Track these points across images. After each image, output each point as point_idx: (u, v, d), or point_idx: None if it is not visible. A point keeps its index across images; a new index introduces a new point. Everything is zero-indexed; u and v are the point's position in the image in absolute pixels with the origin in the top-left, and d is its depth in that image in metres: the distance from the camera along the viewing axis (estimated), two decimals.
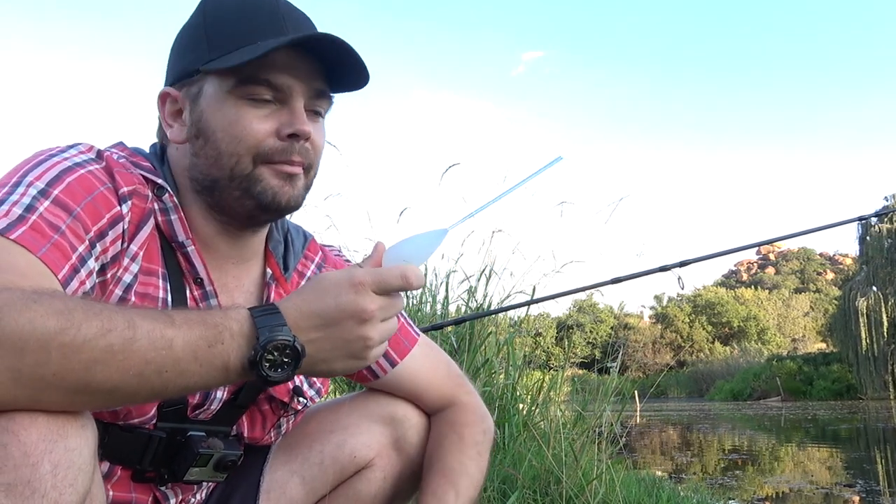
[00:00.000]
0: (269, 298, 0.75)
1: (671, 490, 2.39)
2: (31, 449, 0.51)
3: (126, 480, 0.71)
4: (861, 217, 1.65)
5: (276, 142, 0.67)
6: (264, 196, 0.68)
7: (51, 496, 0.51)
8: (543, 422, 2.24)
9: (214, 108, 0.67)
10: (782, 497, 3.47)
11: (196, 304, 0.70)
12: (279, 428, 0.80)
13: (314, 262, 0.82)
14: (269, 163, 0.68)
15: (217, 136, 0.67)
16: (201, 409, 0.72)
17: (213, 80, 0.67)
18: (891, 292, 21.18)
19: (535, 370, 2.62)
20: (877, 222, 21.12)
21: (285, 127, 0.67)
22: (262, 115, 0.67)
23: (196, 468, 0.71)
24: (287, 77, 0.66)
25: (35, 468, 0.51)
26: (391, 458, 0.84)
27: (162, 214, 0.68)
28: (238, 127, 0.66)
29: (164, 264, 0.69)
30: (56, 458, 0.52)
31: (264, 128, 0.67)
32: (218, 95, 0.67)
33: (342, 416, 0.85)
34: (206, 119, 0.67)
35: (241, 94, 0.66)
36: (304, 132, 0.67)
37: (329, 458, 0.82)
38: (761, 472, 4.41)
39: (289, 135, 0.67)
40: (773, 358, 28.38)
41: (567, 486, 1.78)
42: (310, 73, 0.68)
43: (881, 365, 20.78)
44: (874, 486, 3.69)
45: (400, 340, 0.84)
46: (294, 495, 0.82)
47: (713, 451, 5.82)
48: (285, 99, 0.67)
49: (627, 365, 3.53)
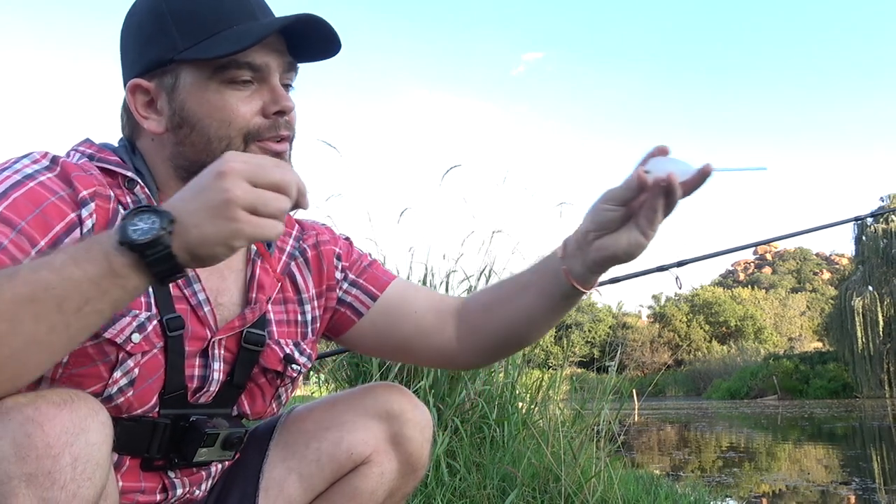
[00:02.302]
0: (254, 274, 0.76)
1: (669, 488, 2.40)
2: (53, 440, 0.52)
3: (135, 470, 0.71)
4: (857, 217, 1.66)
5: (263, 120, 0.69)
6: None
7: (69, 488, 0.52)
8: (542, 420, 2.25)
9: (196, 95, 0.67)
10: (779, 494, 3.49)
11: (180, 290, 0.71)
12: (279, 398, 0.81)
13: (291, 236, 0.83)
14: (258, 140, 0.69)
15: (204, 122, 0.68)
16: (201, 392, 0.73)
17: (190, 68, 0.67)
18: (886, 292, 21.26)
19: (534, 369, 2.62)
20: (873, 222, 21.19)
21: (270, 105, 0.69)
22: (246, 96, 0.68)
23: (204, 448, 0.72)
24: (265, 56, 0.68)
25: (56, 460, 0.52)
26: (388, 453, 0.84)
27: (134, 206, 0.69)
28: (225, 112, 0.67)
29: None
30: (77, 452, 0.53)
31: (250, 108, 0.68)
32: (198, 83, 0.67)
33: (339, 412, 0.85)
34: (190, 107, 0.68)
35: (223, 79, 0.67)
36: (288, 108, 0.70)
37: (326, 456, 0.82)
38: (758, 469, 4.43)
39: (277, 111, 0.69)
40: (769, 357, 28.46)
41: (566, 484, 1.79)
42: (282, 49, 0.70)
43: (877, 364, 20.86)
44: (870, 484, 3.71)
45: (377, 277, 0.86)
46: (292, 492, 0.82)
47: (710, 450, 5.84)
48: (264, 78, 0.69)
49: (625, 364, 3.55)
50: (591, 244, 0.74)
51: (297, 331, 0.81)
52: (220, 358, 0.73)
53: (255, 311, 0.75)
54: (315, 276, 0.84)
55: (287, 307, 0.80)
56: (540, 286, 0.79)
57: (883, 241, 21.56)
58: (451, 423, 2.01)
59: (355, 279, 0.86)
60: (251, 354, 0.75)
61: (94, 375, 0.65)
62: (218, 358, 0.73)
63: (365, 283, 0.86)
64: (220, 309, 0.74)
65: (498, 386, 2.24)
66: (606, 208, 0.72)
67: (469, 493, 1.79)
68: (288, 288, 0.81)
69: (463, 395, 2.11)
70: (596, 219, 0.73)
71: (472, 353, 0.86)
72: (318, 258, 0.84)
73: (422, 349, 0.87)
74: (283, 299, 0.80)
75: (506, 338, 0.84)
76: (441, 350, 0.86)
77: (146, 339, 0.67)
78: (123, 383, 0.66)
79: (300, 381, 0.84)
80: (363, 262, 0.88)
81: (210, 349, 0.73)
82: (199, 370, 0.72)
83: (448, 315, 0.87)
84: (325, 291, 0.84)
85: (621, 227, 0.73)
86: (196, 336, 0.72)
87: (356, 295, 0.85)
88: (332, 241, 0.86)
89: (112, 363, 0.65)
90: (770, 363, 25.99)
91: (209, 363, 0.73)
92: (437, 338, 0.86)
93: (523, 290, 0.81)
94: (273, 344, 0.77)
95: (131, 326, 0.66)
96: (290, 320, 0.80)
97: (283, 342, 0.78)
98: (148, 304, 0.68)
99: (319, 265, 0.84)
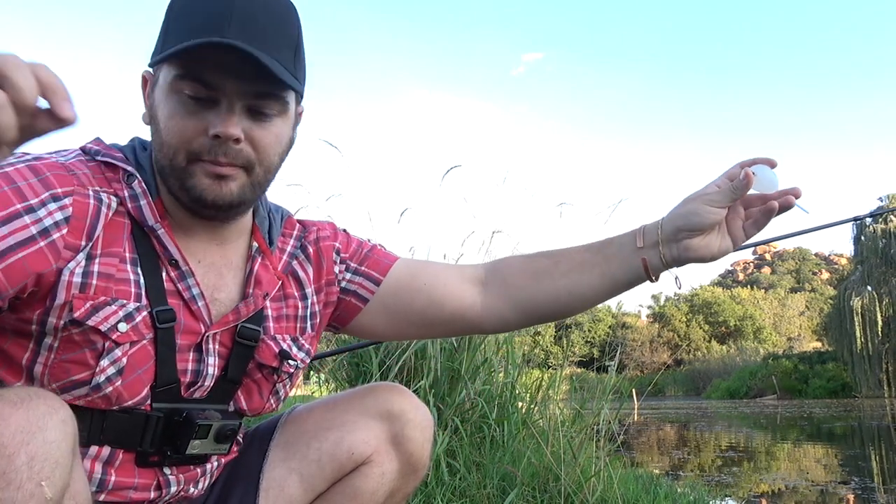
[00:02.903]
0: (253, 271, 0.76)
1: (668, 487, 2.41)
2: (7, 440, 0.51)
3: (129, 465, 0.71)
4: (856, 217, 1.66)
5: (206, 140, 0.67)
6: (193, 192, 0.68)
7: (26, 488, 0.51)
8: (542, 420, 2.25)
9: (161, 98, 0.68)
10: (778, 494, 3.49)
11: (174, 284, 0.71)
12: (277, 394, 0.81)
13: (293, 237, 0.83)
14: (199, 161, 0.67)
15: (160, 125, 0.68)
16: (195, 386, 0.73)
17: (164, 69, 0.67)
18: (885, 292, 21.28)
19: (533, 369, 2.63)
20: (871, 222, 21.20)
21: (211, 127, 0.66)
22: (194, 112, 0.66)
23: (197, 440, 0.72)
24: (218, 76, 0.65)
25: (11, 459, 0.51)
26: (389, 453, 0.84)
27: (132, 201, 0.69)
28: (173, 121, 0.67)
29: (135, 249, 0.69)
30: (33, 450, 0.52)
31: (194, 125, 0.66)
32: (164, 87, 0.67)
33: (340, 413, 0.85)
34: (156, 107, 0.69)
35: (179, 88, 0.66)
36: (227, 135, 0.66)
37: (327, 456, 0.82)
38: (757, 469, 4.43)
39: (214, 135, 0.66)
40: (769, 357, 28.48)
41: (565, 484, 1.79)
42: (249, 74, 0.65)
43: (876, 363, 20.88)
44: (869, 483, 3.72)
45: (378, 261, 0.86)
46: (293, 493, 0.82)
47: (710, 449, 5.85)
48: (218, 98, 0.66)
49: (625, 363, 3.55)
50: (679, 242, 0.76)
51: (295, 326, 0.81)
52: (214, 353, 0.73)
53: (250, 306, 0.75)
54: (315, 271, 0.84)
55: (287, 302, 0.80)
56: (604, 269, 0.80)
57: (882, 241, 21.58)
58: (451, 423, 2.02)
59: (357, 267, 0.86)
60: (246, 349, 0.75)
61: (81, 363, 0.66)
62: (212, 353, 0.73)
63: (367, 270, 0.85)
64: (217, 304, 0.74)
65: (498, 386, 2.24)
66: (711, 211, 0.74)
67: (469, 493, 1.80)
68: (290, 285, 0.81)
69: (463, 394, 2.11)
70: (694, 221, 0.75)
71: (501, 316, 0.86)
72: (318, 254, 0.84)
73: (441, 320, 0.86)
74: (283, 296, 0.80)
75: (547, 307, 0.84)
76: (463, 316, 0.86)
77: (134, 330, 0.67)
78: (111, 372, 0.66)
79: (300, 376, 0.84)
80: (363, 249, 0.88)
81: (205, 343, 0.73)
82: (193, 364, 0.72)
83: (468, 282, 0.87)
84: (324, 286, 0.84)
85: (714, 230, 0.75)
86: (189, 330, 0.72)
87: (359, 282, 0.85)
88: (332, 236, 0.86)
89: (98, 351, 0.66)
90: (769, 363, 26.02)
91: (203, 357, 0.73)
92: (456, 304, 0.85)
93: (585, 268, 0.81)
94: (269, 339, 0.77)
95: (117, 315, 0.66)
96: (289, 315, 0.80)
97: (280, 338, 0.78)
98: (138, 295, 0.68)
99: (319, 261, 0.84)
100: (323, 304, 0.85)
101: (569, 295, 0.82)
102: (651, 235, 0.78)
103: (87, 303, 0.65)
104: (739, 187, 0.73)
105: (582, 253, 0.83)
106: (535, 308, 0.85)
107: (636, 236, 0.80)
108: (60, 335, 0.65)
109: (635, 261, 0.79)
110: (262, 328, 0.77)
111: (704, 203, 0.75)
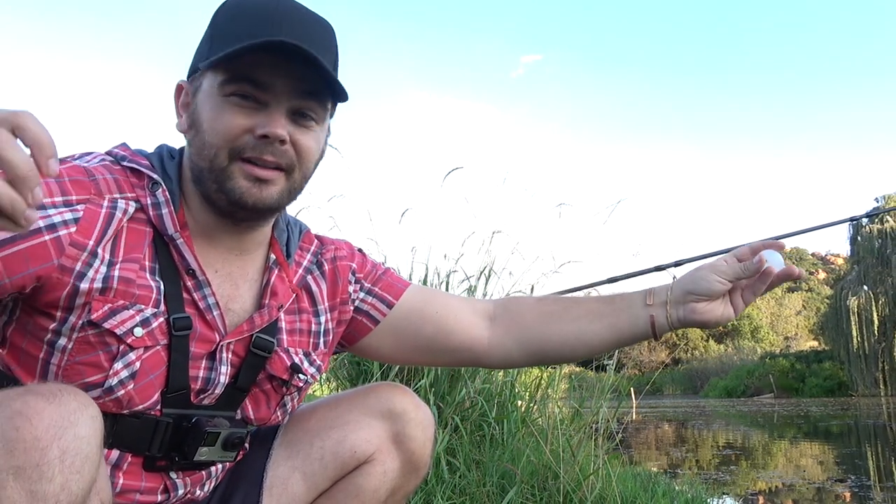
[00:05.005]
0: (270, 283, 0.77)
1: (666, 485, 2.42)
2: (41, 433, 0.52)
3: (137, 469, 0.72)
4: (852, 218, 1.67)
5: (251, 139, 0.68)
6: (232, 194, 0.70)
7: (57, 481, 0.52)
8: (541, 418, 2.26)
9: (205, 101, 0.70)
10: (775, 492, 3.51)
11: (189, 293, 0.71)
12: (284, 406, 0.82)
13: (310, 251, 0.84)
14: (242, 159, 0.69)
15: (203, 127, 0.70)
16: (205, 393, 0.73)
17: (209, 76, 0.70)
18: (881, 291, 21.35)
19: (533, 368, 2.64)
20: (868, 223, 21.27)
21: (259, 127, 0.68)
22: (242, 111, 0.68)
23: (205, 447, 0.73)
24: (269, 77, 0.67)
25: (44, 453, 0.52)
26: (391, 452, 0.85)
27: (154, 209, 0.70)
28: (218, 121, 0.68)
29: (155, 258, 0.70)
30: (65, 445, 0.53)
31: (241, 123, 0.68)
32: (209, 91, 0.69)
33: (342, 412, 0.86)
34: (198, 111, 0.70)
35: (227, 90, 0.68)
36: (274, 134, 0.68)
37: (329, 454, 0.83)
38: (755, 467, 4.45)
39: (261, 135, 0.68)
40: (766, 356, 28.53)
41: (564, 482, 1.81)
42: (298, 77, 0.68)
43: (872, 362, 20.96)
44: (865, 481, 3.74)
45: (392, 285, 0.88)
46: (296, 491, 0.83)
47: (708, 447, 5.87)
48: (267, 100, 0.68)
49: (624, 363, 3.55)
50: (686, 304, 0.82)
51: (309, 341, 0.82)
52: (227, 361, 0.74)
53: (265, 316, 0.76)
54: (330, 288, 0.85)
55: (301, 317, 0.81)
56: (612, 321, 0.85)
57: (878, 241, 21.65)
58: (451, 421, 2.02)
59: (371, 288, 0.88)
60: (258, 360, 0.76)
61: (95, 365, 0.66)
62: (225, 361, 0.74)
63: (380, 292, 0.88)
64: (231, 315, 0.75)
65: (497, 384, 2.25)
66: (719, 280, 0.80)
67: (469, 491, 1.80)
68: (303, 299, 0.82)
69: (463, 393, 2.12)
70: (703, 286, 0.81)
71: (507, 352, 0.89)
72: (335, 272, 0.86)
73: (447, 349, 0.88)
74: (297, 309, 0.81)
75: (553, 349, 0.87)
76: (470, 348, 0.88)
77: (150, 335, 0.68)
78: (124, 375, 0.67)
79: (307, 391, 0.85)
80: (377, 271, 0.90)
81: (218, 352, 0.73)
82: (205, 372, 0.73)
83: (478, 315, 0.89)
84: (338, 304, 0.86)
85: (719, 299, 0.81)
86: (204, 339, 0.72)
87: (372, 303, 0.87)
88: (348, 256, 0.88)
89: (113, 354, 0.67)
90: (766, 362, 26.07)
91: (216, 366, 0.73)
92: (464, 336, 0.88)
93: (593, 317, 0.86)
94: (282, 352, 0.78)
95: (133, 320, 0.67)
96: (302, 329, 0.81)
97: (293, 351, 0.79)
98: (157, 300, 0.69)
99: (335, 279, 0.85)
100: (336, 321, 0.86)
101: (576, 340, 0.86)
102: (660, 295, 0.84)
103: (106, 305, 0.66)
104: (751, 269, 0.80)
105: (592, 302, 0.88)
106: (540, 348, 0.88)
107: (646, 295, 0.85)
108: (76, 336, 0.66)
109: (643, 317, 0.84)
110: (276, 340, 0.78)
111: (714, 273, 0.81)
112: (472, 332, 0.88)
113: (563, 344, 0.86)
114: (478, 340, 0.88)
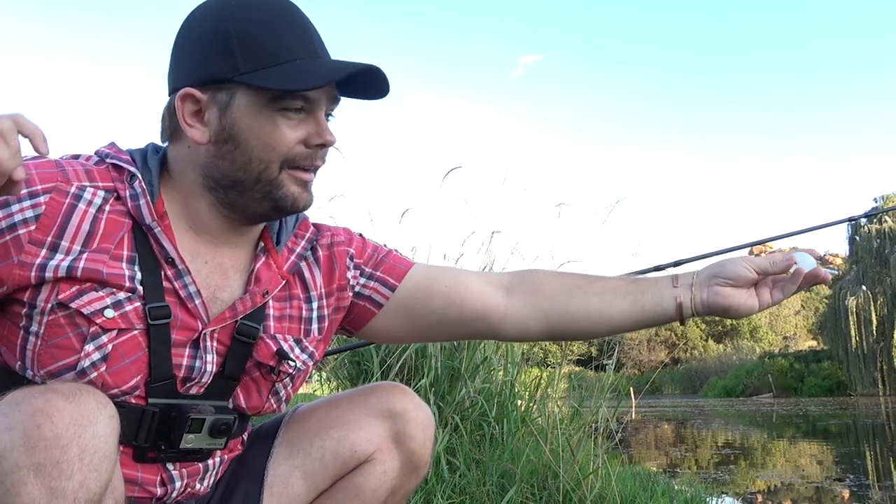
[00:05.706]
0: (256, 269, 0.78)
1: (666, 484, 2.43)
2: (62, 431, 0.53)
3: (127, 459, 0.72)
4: (851, 218, 1.67)
5: (303, 149, 0.73)
6: (284, 201, 0.74)
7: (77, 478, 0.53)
8: (541, 418, 2.26)
9: (249, 118, 0.70)
10: (774, 491, 3.52)
11: (170, 282, 0.72)
12: (277, 394, 0.81)
13: (305, 239, 0.84)
14: (292, 168, 0.73)
15: (250, 143, 0.71)
16: (191, 381, 0.73)
17: (248, 91, 0.70)
18: (880, 291, 21.39)
19: (532, 367, 2.64)
20: (866, 223, 21.29)
21: (314, 137, 0.73)
22: (293, 125, 0.72)
23: (191, 434, 0.73)
24: (318, 91, 0.72)
25: (64, 450, 0.53)
26: (391, 451, 0.85)
27: (132, 200, 0.71)
28: (273, 137, 0.71)
29: (134, 247, 0.71)
30: (84, 443, 0.54)
31: (295, 136, 0.72)
32: (253, 107, 0.70)
33: (342, 411, 0.86)
34: (240, 127, 0.71)
35: (277, 106, 0.71)
36: (329, 142, 0.74)
37: (330, 453, 0.83)
38: (754, 466, 4.46)
39: (319, 144, 0.73)
40: (765, 355, 28.56)
41: (564, 481, 1.81)
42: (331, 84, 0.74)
43: (870, 362, 20.99)
44: (864, 481, 3.75)
45: (394, 267, 0.87)
46: (296, 490, 0.83)
47: (707, 447, 5.88)
48: (312, 109, 0.73)
49: (623, 362, 3.56)
50: (712, 287, 0.82)
51: (299, 327, 0.81)
52: (212, 350, 0.74)
53: (246, 303, 0.76)
54: (325, 275, 0.84)
55: (291, 303, 0.81)
56: (637, 297, 0.84)
57: (876, 241, 21.68)
58: (451, 421, 2.03)
59: (372, 272, 0.87)
60: (244, 347, 0.76)
61: (67, 347, 0.67)
62: (210, 350, 0.74)
63: (382, 275, 0.86)
64: (218, 304, 0.75)
65: (497, 384, 2.26)
66: (747, 267, 0.81)
67: (469, 490, 1.81)
68: (295, 285, 0.82)
69: (463, 393, 2.13)
70: (730, 269, 0.81)
71: (524, 323, 0.86)
72: (331, 258, 0.85)
73: (461, 320, 0.87)
74: (287, 296, 0.81)
75: (574, 322, 0.85)
76: (485, 317, 0.86)
77: (123, 318, 0.68)
78: (96, 358, 0.67)
79: (304, 378, 0.85)
80: (379, 254, 0.88)
81: (202, 340, 0.73)
82: (188, 360, 0.73)
83: (491, 285, 0.87)
84: (335, 291, 0.85)
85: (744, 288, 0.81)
86: (186, 326, 0.73)
87: (374, 287, 0.86)
88: (346, 241, 0.87)
89: (84, 335, 0.67)
90: (765, 361, 26.09)
91: (200, 354, 0.73)
92: (478, 304, 0.86)
93: (619, 294, 0.84)
94: (268, 338, 0.78)
95: (103, 301, 0.68)
96: (292, 316, 0.81)
97: (281, 337, 0.79)
98: (131, 287, 0.69)
99: (331, 265, 0.85)
100: (333, 308, 0.85)
101: (599, 314, 0.84)
102: (686, 279, 0.84)
103: (74, 286, 0.67)
104: (778, 265, 0.81)
105: (617, 280, 0.88)
106: (559, 320, 0.85)
107: (672, 278, 0.85)
108: (47, 319, 0.67)
109: (668, 297, 0.83)
110: (262, 326, 0.77)
111: (743, 260, 0.82)
112: (487, 300, 0.85)
113: (584, 317, 0.84)
114: (493, 309, 0.85)
